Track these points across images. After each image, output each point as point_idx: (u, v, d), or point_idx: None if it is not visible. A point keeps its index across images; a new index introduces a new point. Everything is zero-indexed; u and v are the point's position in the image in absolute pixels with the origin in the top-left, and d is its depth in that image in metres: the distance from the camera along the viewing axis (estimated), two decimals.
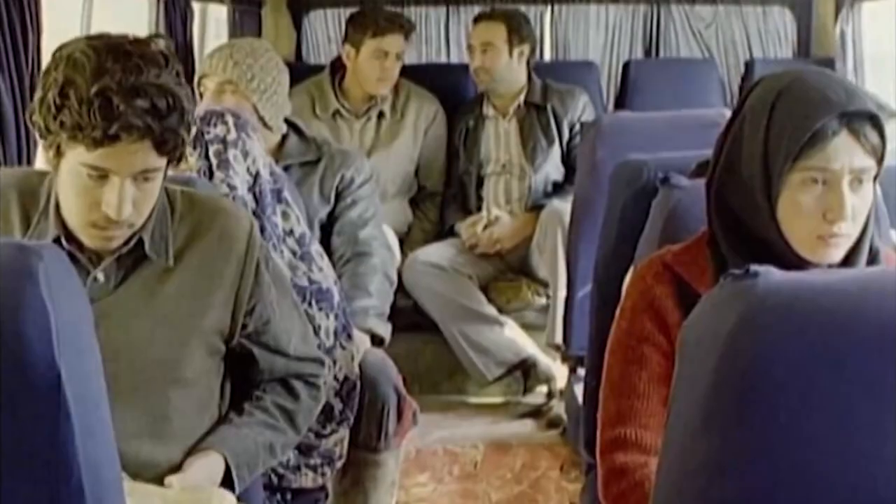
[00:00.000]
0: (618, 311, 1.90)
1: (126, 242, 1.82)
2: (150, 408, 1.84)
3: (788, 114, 1.69)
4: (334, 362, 2.47)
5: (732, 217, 1.76)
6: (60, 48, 1.73)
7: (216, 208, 1.95)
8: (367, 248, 2.98)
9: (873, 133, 1.66)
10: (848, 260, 1.71)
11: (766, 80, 1.77)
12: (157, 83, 1.69)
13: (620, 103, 5.15)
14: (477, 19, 4.36)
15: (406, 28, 4.17)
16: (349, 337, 2.56)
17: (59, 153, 1.73)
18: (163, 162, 1.75)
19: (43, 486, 1.05)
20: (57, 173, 1.77)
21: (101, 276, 1.82)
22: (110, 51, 1.69)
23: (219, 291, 1.89)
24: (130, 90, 1.66)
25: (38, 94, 1.72)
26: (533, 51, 4.31)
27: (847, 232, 1.69)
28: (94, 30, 3.55)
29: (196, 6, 4.22)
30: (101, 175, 1.71)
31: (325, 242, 2.95)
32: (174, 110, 1.71)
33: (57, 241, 1.80)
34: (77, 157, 1.70)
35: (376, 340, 2.85)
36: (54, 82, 1.68)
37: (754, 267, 0.99)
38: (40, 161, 2.84)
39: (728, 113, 1.90)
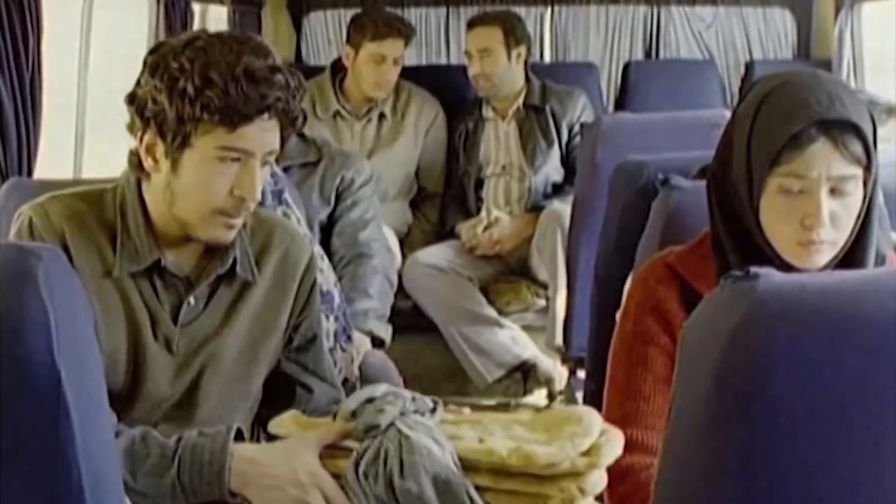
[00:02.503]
0: (621, 313, 1.90)
1: (222, 263, 1.84)
2: (221, 418, 1.84)
3: (769, 118, 1.69)
4: (334, 363, 2.47)
5: (733, 219, 1.76)
6: (158, 48, 1.75)
7: (281, 225, 1.98)
8: (368, 249, 2.98)
9: (855, 142, 1.64)
10: (849, 267, 1.70)
11: (759, 83, 1.77)
12: (282, 65, 1.75)
13: (620, 104, 5.15)
14: (471, 24, 4.34)
15: (405, 33, 4.15)
16: (349, 339, 2.56)
17: (183, 145, 1.73)
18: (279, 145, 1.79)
19: (43, 485, 1.05)
20: (174, 170, 1.76)
21: (193, 301, 1.83)
22: (230, 38, 1.74)
23: (284, 308, 1.91)
24: (270, 68, 1.72)
25: (152, 89, 1.72)
26: (529, 51, 4.30)
27: (827, 238, 1.68)
28: (95, 30, 3.56)
29: (196, 7, 4.22)
30: (236, 158, 1.74)
31: (325, 244, 2.95)
32: (299, 90, 1.77)
33: (156, 264, 1.81)
34: (212, 141, 1.72)
35: (376, 342, 2.85)
36: (181, 71, 1.70)
37: (755, 268, 0.99)
38: (41, 160, 2.84)
39: (728, 114, 1.91)
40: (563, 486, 1.53)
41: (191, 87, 1.69)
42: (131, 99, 1.76)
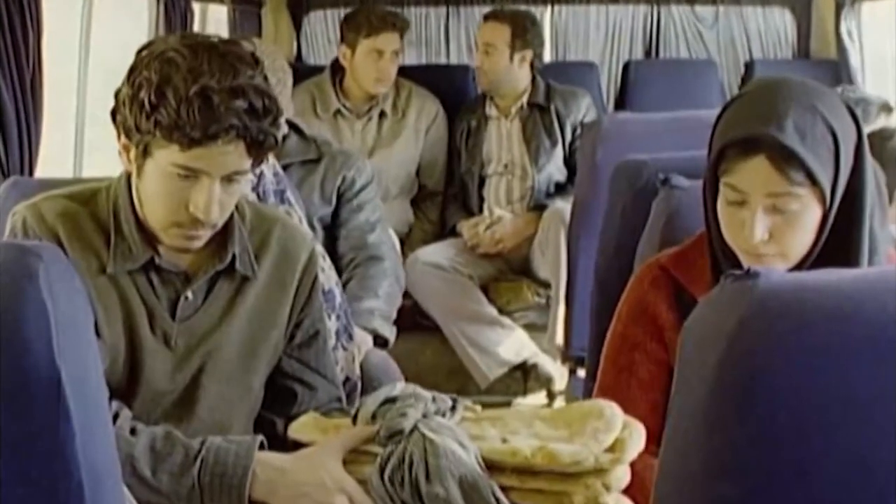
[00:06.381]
0: (615, 315, 1.91)
1: (220, 259, 1.83)
2: (220, 415, 1.85)
3: (722, 126, 1.71)
4: (336, 362, 2.47)
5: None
6: (147, 46, 1.72)
7: (282, 221, 1.96)
8: (378, 252, 2.99)
9: (792, 164, 1.63)
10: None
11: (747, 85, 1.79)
12: (253, 84, 1.68)
13: (620, 104, 5.16)
14: (485, 18, 4.34)
15: (400, 26, 4.16)
16: (350, 338, 2.56)
17: (146, 153, 1.71)
18: (250, 164, 1.74)
19: (43, 486, 1.05)
20: (139, 176, 1.75)
21: (191, 296, 1.83)
22: (205, 50, 1.67)
23: (284, 304, 1.90)
24: (230, 90, 1.65)
25: (124, 94, 1.70)
26: (537, 55, 4.29)
27: (770, 252, 1.68)
28: (94, 30, 3.56)
29: (196, 6, 4.22)
30: (192, 176, 1.69)
31: (329, 244, 2.96)
32: (269, 112, 1.70)
33: (150, 262, 1.80)
34: (168, 157, 1.68)
35: (380, 341, 2.85)
36: (146, 81, 1.66)
37: (755, 267, 0.99)
38: (42, 160, 2.84)
39: None
40: (589, 483, 1.53)
41: (147, 101, 1.66)
42: (115, 96, 1.75)
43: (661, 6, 5.31)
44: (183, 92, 1.64)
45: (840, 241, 1.69)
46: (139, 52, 1.73)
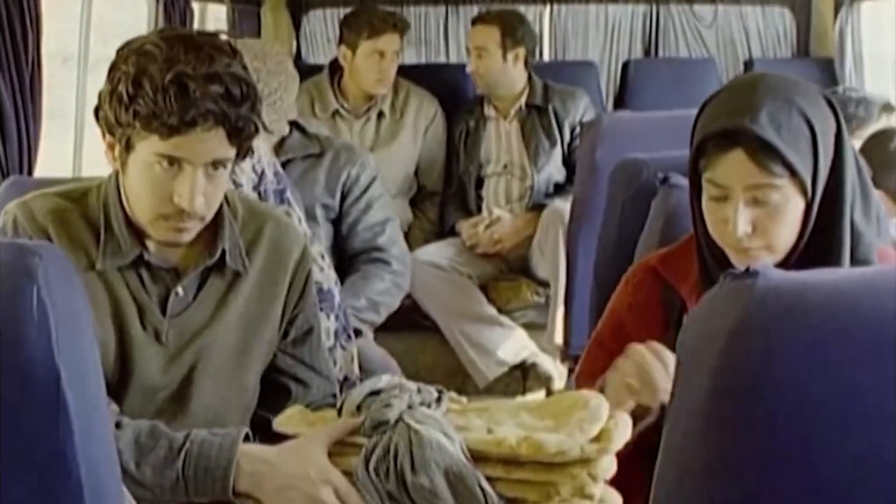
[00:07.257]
0: None
1: (210, 254, 1.83)
2: (215, 412, 1.85)
3: (699, 123, 1.73)
4: (334, 362, 2.47)
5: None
6: (127, 44, 1.73)
7: (274, 216, 1.97)
8: (385, 256, 3.03)
9: (770, 156, 1.64)
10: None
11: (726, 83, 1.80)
12: (230, 71, 1.70)
13: (620, 103, 5.15)
14: (473, 21, 4.35)
15: (400, 27, 4.16)
16: (349, 337, 2.56)
17: (128, 147, 1.72)
18: (233, 153, 1.75)
19: (43, 485, 1.05)
20: (124, 171, 1.76)
21: (181, 291, 1.83)
22: (181, 41, 1.69)
23: (276, 300, 1.90)
24: (205, 77, 1.67)
25: (105, 90, 1.72)
26: (531, 53, 4.29)
27: (755, 245, 1.68)
28: (94, 29, 3.56)
29: (195, 6, 4.22)
30: (174, 165, 1.70)
31: (335, 240, 2.97)
32: (247, 99, 1.72)
33: (139, 258, 1.81)
34: (149, 147, 1.70)
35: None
36: (125, 74, 1.68)
37: (754, 266, 0.99)
38: (41, 159, 2.85)
39: None
40: (574, 473, 1.53)
41: (125, 93, 1.67)
42: (98, 95, 1.76)
43: (660, 5, 5.31)
44: (159, 81, 1.65)
45: (824, 231, 1.70)
46: (119, 49, 1.74)
